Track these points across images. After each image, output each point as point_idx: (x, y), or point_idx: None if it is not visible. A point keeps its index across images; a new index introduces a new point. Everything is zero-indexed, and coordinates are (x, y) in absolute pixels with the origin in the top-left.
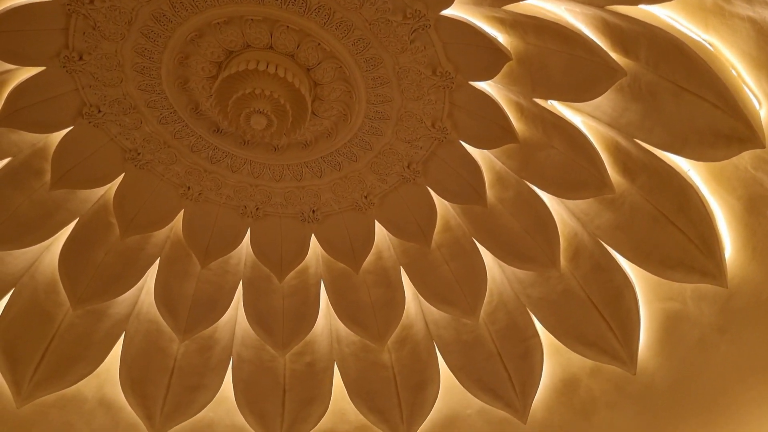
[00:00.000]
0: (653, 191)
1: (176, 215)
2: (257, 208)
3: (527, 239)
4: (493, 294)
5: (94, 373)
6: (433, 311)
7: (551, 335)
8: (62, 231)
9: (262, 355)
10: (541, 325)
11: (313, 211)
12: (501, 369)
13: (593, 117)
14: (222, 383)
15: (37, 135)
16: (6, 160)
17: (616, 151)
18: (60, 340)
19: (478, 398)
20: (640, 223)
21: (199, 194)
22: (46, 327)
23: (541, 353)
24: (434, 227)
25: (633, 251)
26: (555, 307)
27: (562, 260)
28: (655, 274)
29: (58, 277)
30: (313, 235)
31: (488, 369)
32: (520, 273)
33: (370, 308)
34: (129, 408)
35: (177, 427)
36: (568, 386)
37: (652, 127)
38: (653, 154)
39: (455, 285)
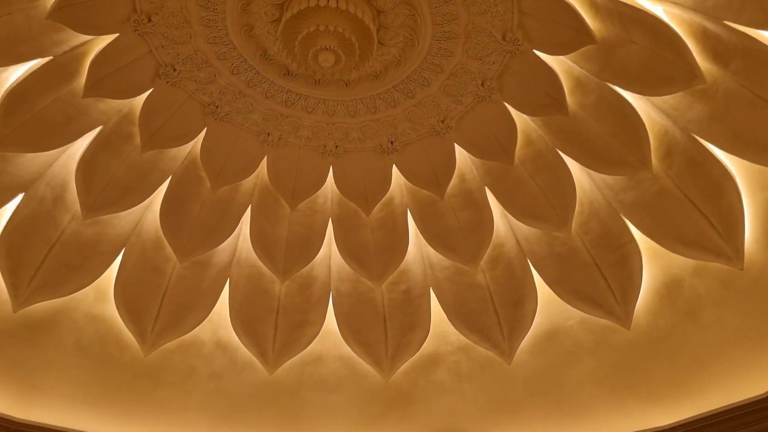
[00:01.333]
0: (749, 75)
1: (260, 162)
2: (336, 146)
3: (614, 143)
4: (583, 204)
5: (208, 318)
6: (523, 228)
7: (649, 239)
8: (158, 190)
9: (359, 288)
10: (637, 230)
11: (392, 142)
12: (599, 278)
13: (675, 4)
14: (325, 317)
15: (122, 101)
16: (98, 129)
17: (703, 37)
18: (173, 292)
19: (578, 309)
20: (738, 110)
21: (279, 139)
22: (158, 280)
23: (639, 258)
24: (515, 143)
25: (731, 141)
26: (650, 210)
27: (654, 160)
28: (758, 162)
29: (161, 233)
30: (394, 165)
31: (585, 279)
32: (609, 179)
33: (459, 232)
34: (243, 348)
35: (289, 361)
36: (670, 288)
37: (742, 5)
38: (746, 34)
39: (543, 199)
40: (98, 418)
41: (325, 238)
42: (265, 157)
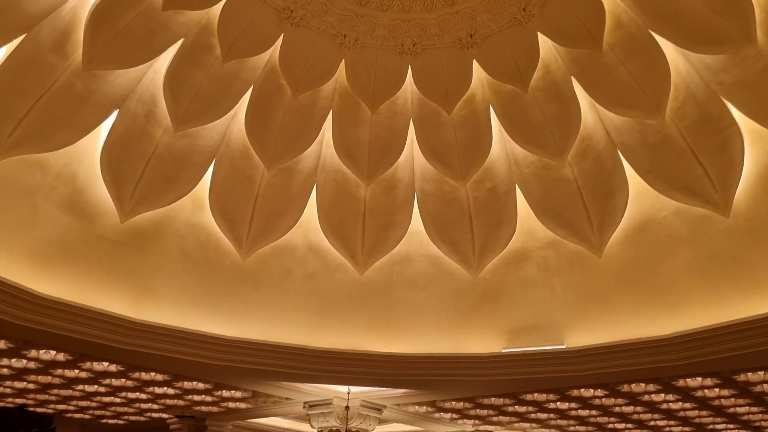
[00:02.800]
0: None
1: (338, 66)
2: (414, 44)
3: (714, 18)
4: (678, 88)
5: (298, 223)
6: (612, 117)
7: (752, 121)
8: (242, 100)
9: (443, 188)
10: (738, 112)
11: (471, 36)
12: (695, 165)
13: None
14: (411, 218)
15: (200, 12)
16: (179, 42)
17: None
18: (263, 199)
19: (672, 199)
20: None
21: (356, 41)
22: (249, 189)
23: (741, 142)
24: (603, 27)
25: None
26: (755, 89)
27: (759, 34)
28: None
29: (248, 142)
30: (474, 60)
31: (681, 167)
32: (708, 59)
33: (544, 125)
34: (334, 250)
35: (378, 262)
36: None
37: None
38: None
39: (635, 85)
40: (205, 318)
41: (408, 140)
42: (343, 61)
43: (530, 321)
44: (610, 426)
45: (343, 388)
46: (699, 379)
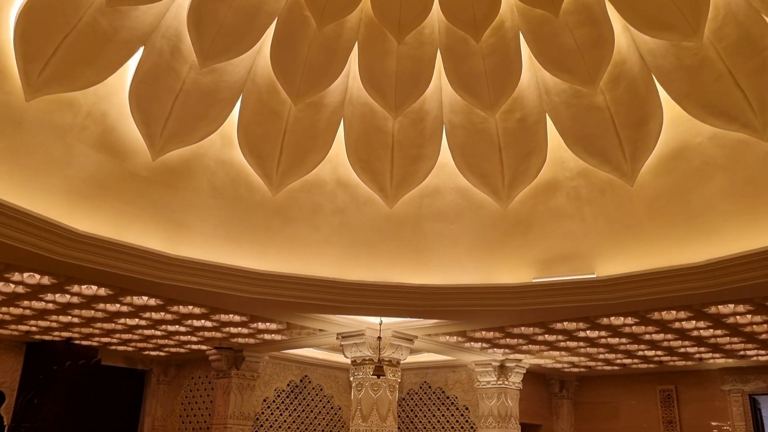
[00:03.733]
0: None
1: None
2: None
3: None
4: (717, 7)
5: (327, 158)
6: (647, 41)
7: None
8: (266, 34)
9: (472, 119)
10: None
11: None
12: (734, 89)
13: None
14: (440, 151)
15: None
16: None
17: None
18: (291, 134)
19: (708, 124)
20: None
21: None
22: (276, 124)
23: None
24: None
25: None
26: None
27: None
28: None
29: (274, 77)
30: None
31: (719, 91)
32: None
33: (576, 51)
34: (363, 185)
35: (407, 195)
36: None
37: None
38: None
39: (672, 6)
40: (238, 253)
41: (435, 70)
42: None
43: (560, 251)
44: (640, 353)
45: (375, 320)
46: (731, 306)
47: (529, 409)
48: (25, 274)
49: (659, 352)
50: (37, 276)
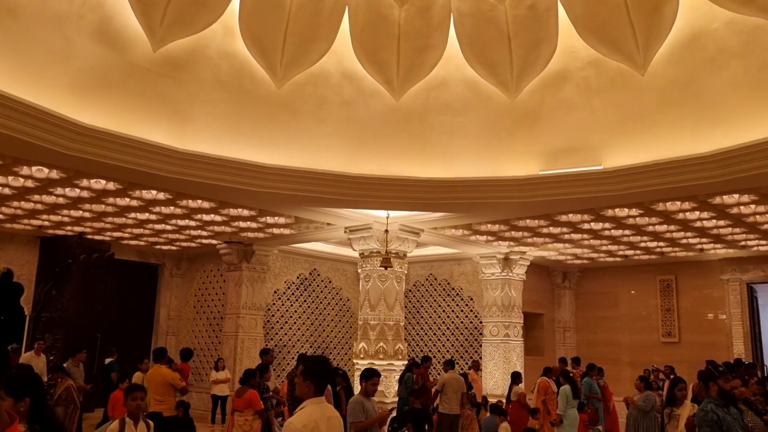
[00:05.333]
0: None
1: None
2: None
3: None
4: None
5: (332, 50)
6: None
7: None
8: None
9: (481, 6)
10: None
11: None
12: None
13: None
14: (447, 40)
15: None
16: None
17: None
18: (294, 23)
19: (725, 9)
20: None
21: None
22: (278, 12)
23: None
24: None
25: None
26: None
27: None
28: None
29: None
30: None
31: None
32: None
33: None
34: (369, 77)
35: (414, 87)
36: None
37: None
38: None
39: None
40: (244, 147)
41: None
42: None
43: (568, 143)
44: (642, 245)
45: (382, 213)
46: (736, 196)
47: (531, 299)
48: (34, 168)
49: (661, 243)
50: (46, 170)
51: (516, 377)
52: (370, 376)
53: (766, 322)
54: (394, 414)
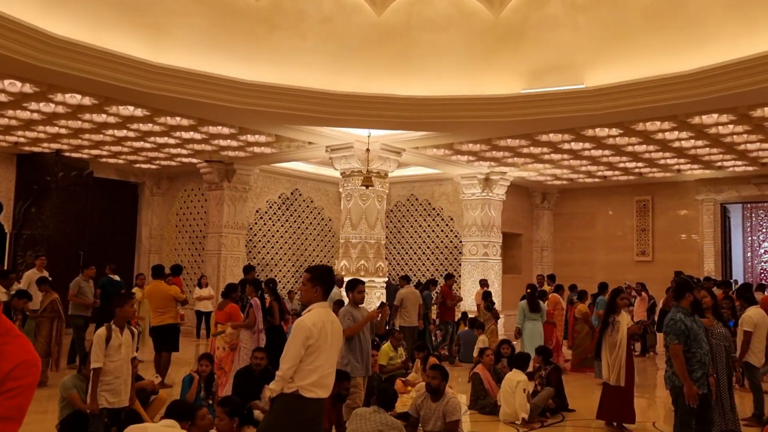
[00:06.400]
0: None
1: None
2: None
3: None
4: None
5: None
6: None
7: None
8: None
9: None
10: None
11: None
12: None
13: None
14: None
15: None
16: None
17: None
18: None
19: None
20: None
21: None
22: None
23: None
24: None
25: None
26: None
27: None
28: None
29: None
30: None
31: None
32: None
33: None
34: None
35: (397, 2)
36: None
37: None
38: None
39: None
40: (222, 63)
41: None
42: None
43: (551, 61)
44: (621, 165)
45: (363, 132)
46: (714, 115)
47: (510, 220)
48: (6, 82)
49: (639, 164)
50: (18, 84)
51: (543, 296)
52: (356, 285)
53: (737, 242)
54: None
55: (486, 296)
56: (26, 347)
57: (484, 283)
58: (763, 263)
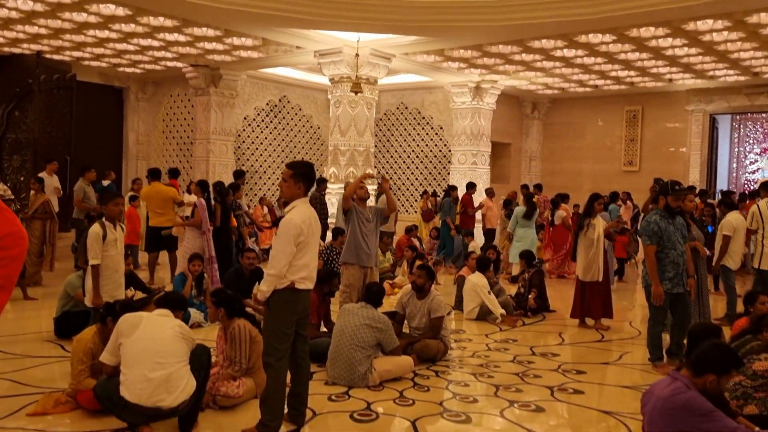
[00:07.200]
0: None
1: None
2: None
3: None
4: None
5: None
6: None
7: None
8: None
9: None
10: None
11: None
12: None
13: None
14: None
15: None
16: None
17: None
18: None
19: None
20: None
21: None
22: None
23: None
24: None
25: None
26: None
27: None
28: None
29: None
30: None
31: None
32: None
33: None
34: None
35: None
36: None
37: None
38: None
39: None
40: None
41: None
42: None
43: None
44: (612, 74)
45: (352, 37)
46: (710, 21)
47: (500, 129)
48: None
49: (631, 73)
50: None
51: (557, 203)
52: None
53: (723, 152)
54: (370, 176)
55: (507, 204)
56: (13, 220)
57: (471, 185)
58: (748, 174)
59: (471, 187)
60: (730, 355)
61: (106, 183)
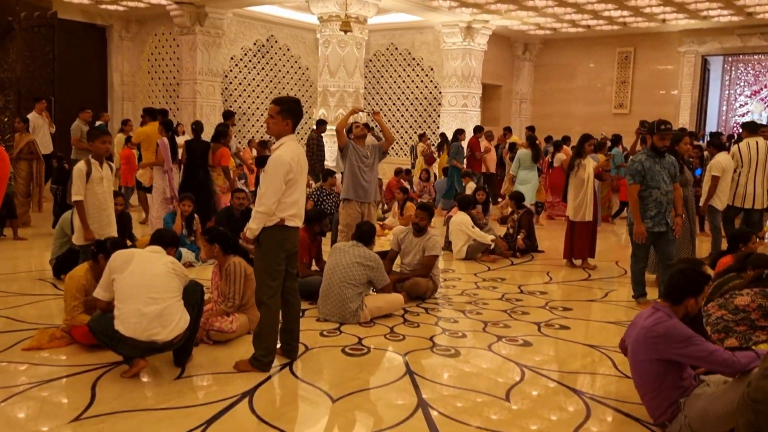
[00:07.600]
0: None
1: None
2: None
3: None
4: None
5: None
6: None
7: None
8: None
9: None
10: None
11: None
12: None
13: None
14: None
15: None
16: None
17: None
18: None
19: None
20: None
21: None
22: None
23: None
24: None
25: None
26: None
27: None
28: None
29: None
30: None
31: None
32: None
33: None
34: None
35: None
36: None
37: None
38: None
39: None
40: None
41: None
42: None
43: None
44: (606, 13)
45: None
46: None
47: (491, 71)
48: None
49: (624, 12)
50: None
51: (558, 146)
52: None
53: (714, 95)
54: (362, 112)
55: (512, 148)
56: None
57: (478, 129)
58: (737, 117)
59: (479, 130)
60: (697, 275)
61: (98, 124)
